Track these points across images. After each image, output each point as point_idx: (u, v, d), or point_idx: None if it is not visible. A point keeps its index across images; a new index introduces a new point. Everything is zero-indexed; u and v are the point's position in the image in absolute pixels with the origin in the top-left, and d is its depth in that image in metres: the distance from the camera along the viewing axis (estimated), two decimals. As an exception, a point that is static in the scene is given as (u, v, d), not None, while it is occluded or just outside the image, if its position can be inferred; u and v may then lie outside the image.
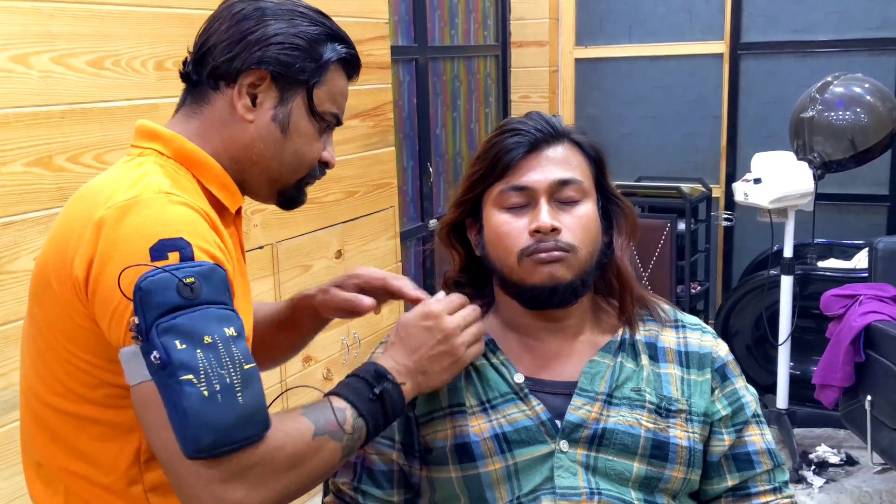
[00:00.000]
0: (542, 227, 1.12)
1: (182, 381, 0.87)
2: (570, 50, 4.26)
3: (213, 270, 0.94)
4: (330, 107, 1.13)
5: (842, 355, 2.61)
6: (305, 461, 0.97)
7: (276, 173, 1.13)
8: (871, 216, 3.86)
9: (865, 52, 3.76)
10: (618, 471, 1.12)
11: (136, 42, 1.93)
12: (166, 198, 0.98)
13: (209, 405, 0.87)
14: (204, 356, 0.89)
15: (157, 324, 0.88)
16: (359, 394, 1.04)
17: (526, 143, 1.16)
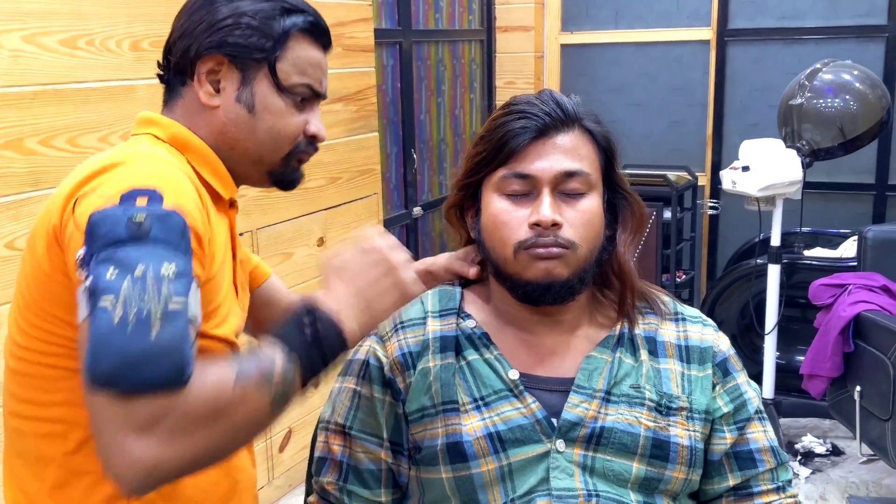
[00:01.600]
0: (542, 220, 1.06)
1: (99, 307, 0.84)
2: (555, 35, 4.21)
3: (170, 216, 0.91)
4: (299, 79, 1.12)
5: (830, 345, 2.59)
6: (227, 413, 0.88)
7: (255, 154, 1.13)
8: (857, 205, 3.85)
9: (853, 38, 3.74)
10: (616, 471, 1.07)
11: (111, 21, 1.86)
12: (155, 158, 1.00)
13: (116, 332, 0.83)
14: (129, 285, 0.85)
15: (97, 252, 0.87)
16: (290, 335, 0.94)
17: (533, 128, 1.09)
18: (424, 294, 1.23)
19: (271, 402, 0.91)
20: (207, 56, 1.09)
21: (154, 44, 1.94)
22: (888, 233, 2.90)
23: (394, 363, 1.15)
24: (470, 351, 1.14)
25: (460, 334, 1.16)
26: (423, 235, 3.63)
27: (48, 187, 1.73)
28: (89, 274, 0.86)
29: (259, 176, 1.16)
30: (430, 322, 1.18)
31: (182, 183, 0.98)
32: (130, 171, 0.96)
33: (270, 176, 1.16)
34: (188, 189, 0.99)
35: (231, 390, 0.88)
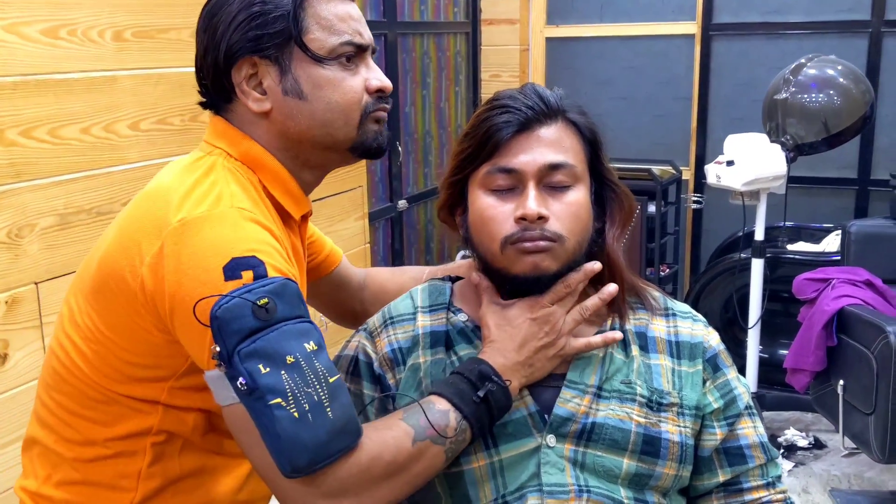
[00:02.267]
0: (528, 214, 1.05)
1: (271, 406, 0.87)
2: (540, 28, 4.20)
3: (285, 286, 0.93)
4: (335, 39, 1.06)
5: (814, 339, 2.60)
6: (406, 468, 0.96)
7: (327, 138, 1.08)
8: (840, 199, 3.87)
9: (837, 34, 3.75)
10: (607, 467, 1.07)
11: (94, 11, 1.83)
12: (239, 213, 0.97)
13: (301, 425, 0.88)
14: (289, 377, 0.88)
15: (237, 350, 0.88)
16: (462, 396, 1.01)
17: (516, 122, 1.09)
18: (414, 289, 1.22)
19: (445, 455, 1.00)
20: (237, 63, 1.05)
21: (136, 34, 1.91)
22: (871, 227, 2.92)
23: (383, 359, 1.14)
24: (462, 345, 1.14)
25: (451, 329, 1.15)
26: (409, 228, 3.62)
27: (29, 179, 1.70)
28: (238, 373, 0.88)
29: (341, 157, 1.11)
30: (420, 317, 1.17)
31: (267, 237, 0.97)
32: (221, 235, 0.94)
33: (353, 151, 1.10)
34: (273, 242, 0.98)
35: (410, 447, 0.96)
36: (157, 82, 1.96)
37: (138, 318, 0.98)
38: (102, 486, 1.06)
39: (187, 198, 0.98)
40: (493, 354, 1.06)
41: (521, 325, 1.07)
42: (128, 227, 1.01)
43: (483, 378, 1.02)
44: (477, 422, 1.01)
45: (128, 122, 1.89)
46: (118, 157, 1.87)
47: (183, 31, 2.01)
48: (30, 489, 1.10)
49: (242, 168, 1.06)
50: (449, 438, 0.99)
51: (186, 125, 2.04)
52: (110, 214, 1.85)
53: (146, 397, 1.03)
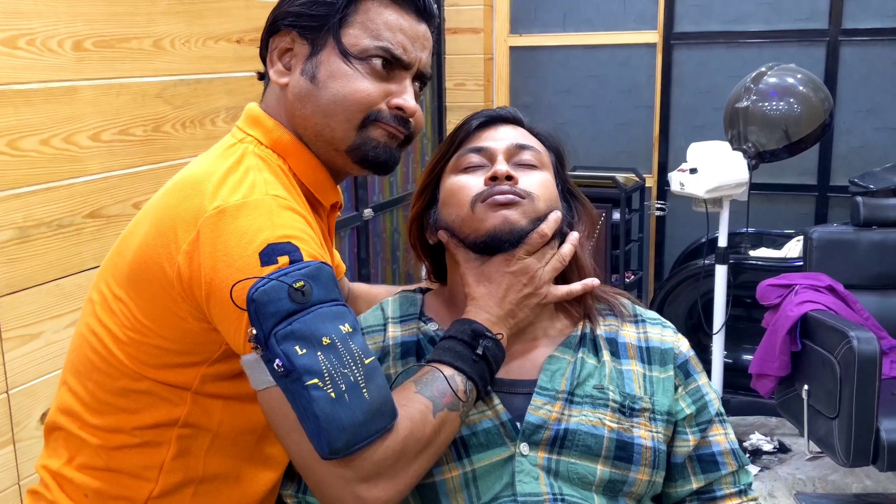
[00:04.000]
0: (498, 172, 1.09)
1: (308, 386, 0.88)
2: (504, 38, 4.21)
3: (320, 269, 0.94)
4: (371, 42, 1.05)
5: (778, 345, 2.63)
6: (433, 441, 0.98)
7: (326, 129, 1.06)
8: (800, 205, 3.92)
9: (795, 42, 3.81)
10: (581, 474, 1.06)
11: (53, 20, 1.79)
12: (274, 201, 0.97)
13: (339, 406, 0.88)
14: (325, 358, 0.89)
15: (274, 332, 0.89)
16: (463, 357, 1.03)
17: (484, 116, 1.18)
18: (385, 301, 1.22)
19: (460, 419, 1.01)
20: (278, 34, 1.08)
21: (97, 44, 1.88)
22: (833, 234, 2.96)
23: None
24: None
25: (422, 338, 1.15)
26: (374, 237, 3.60)
27: (-13, 192, 1.67)
28: (275, 354, 0.89)
29: (342, 159, 1.09)
30: (390, 328, 1.16)
31: (303, 223, 0.98)
32: (257, 221, 0.94)
33: (351, 155, 1.08)
34: (304, 224, 0.99)
35: (433, 420, 0.97)
36: (118, 92, 1.93)
37: (174, 305, 0.99)
38: (125, 473, 1.06)
39: (222, 185, 0.98)
40: (477, 312, 1.07)
41: (500, 279, 1.09)
42: (163, 215, 1.01)
43: (477, 336, 1.04)
44: (481, 379, 1.03)
45: (88, 133, 1.86)
46: (79, 168, 1.83)
47: (144, 40, 1.98)
48: (51, 468, 1.11)
49: (273, 155, 1.07)
50: (462, 402, 1.00)
51: (149, 135, 2.01)
52: (71, 227, 1.81)
53: (178, 383, 1.03)
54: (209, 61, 2.19)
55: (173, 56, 2.07)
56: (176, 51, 2.08)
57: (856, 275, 2.89)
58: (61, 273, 1.81)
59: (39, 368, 1.80)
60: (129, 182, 1.96)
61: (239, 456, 1.08)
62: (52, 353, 1.81)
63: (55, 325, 1.81)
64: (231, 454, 1.08)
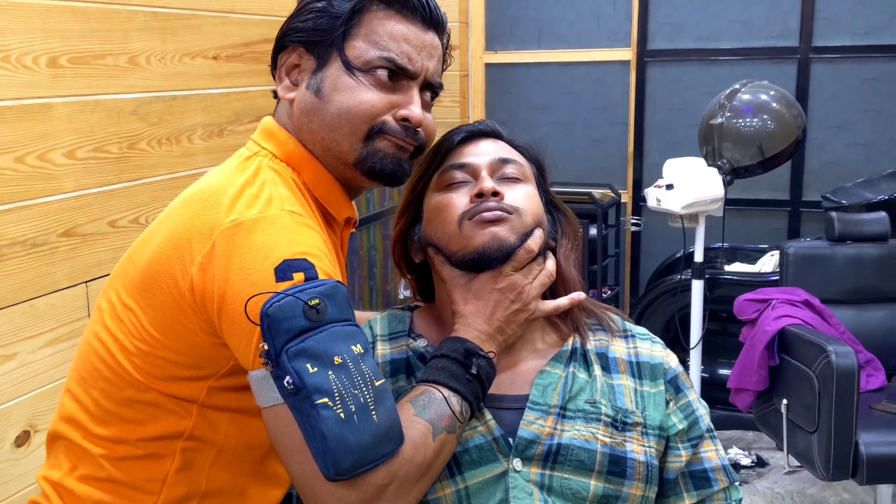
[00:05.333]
0: (484, 189, 1.08)
1: (318, 405, 0.87)
2: (480, 54, 4.23)
3: (336, 288, 0.93)
4: (376, 52, 1.05)
5: (756, 359, 2.64)
6: (433, 465, 0.98)
7: (332, 143, 1.06)
8: (773, 220, 3.96)
9: (767, 60, 3.86)
10: (574, 489, 1.05)
11: (27, 36, 1.77)
12: (290, 217, 0.97)
13: (347, 427, 0.88)
14: (336, 377, 0.88)
15: (286, 349, 0.88)
16: (457, 377, 1.02)
17: (465, 131, 1.16)
18: (373, 318, 1.21)
19: (457, 441, 1.02)
20: (285, 50, 1.09)
21: (72, 60, 1.85)
22: (808, 248, 2.99)
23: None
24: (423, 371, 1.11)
25: (412, 355, 1.14)
26: (351, 254, 3.58)
27: (-41, 211, 1.63)
28: (286, 371, 0.88)
29: (351, 172, 1.08)
30: (379, 346, 1.15)
31: (319, 241, 0.98)
32: (273, 237, 0.94)
33: (357, 166, 1.06)
34: (320, 242, 0.98)
35: (433, 445, 0.97)
36: (93, 109, 1.90)
37: (184, 318, 0.98)
38: (127, 485, 1.05)
39: (238, 199, 0.98)
40: (467, 330, 1.07)
41: (488, 296, 1.08)
42: (178, 227, 1.00)
43: (470, 355, 1.04)
44: (475, 399, 1.03)
45: (63, 151, 1.83)
46: (54, 186, 1.80)
47: (120, 57, 1.96)
48: (52, 479, 1.09)
49: (287, 169, 1.07)
50: (459, 423, 1.00)
51: (124, 153, 1.98)
52: (45, 246, 1.78)
53: (185, 396, 1.02)
54: (185, 78, 2.17)
55: (149, 73, 2.05)
56: (151, 67, 2.06)
57: (831, 289, 2.91)
58: (35, 293, 1.78)
59: (13, 390, 1.76)
60: (104, 200, 1.93)
61: (244, 472, 1.06)
62: (26, 375, 1.78)
63: (29, 345, 1.77)
64: (236, 469, 1.06)
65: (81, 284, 1.88)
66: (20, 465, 1.79)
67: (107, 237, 1.93)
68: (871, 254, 2.95)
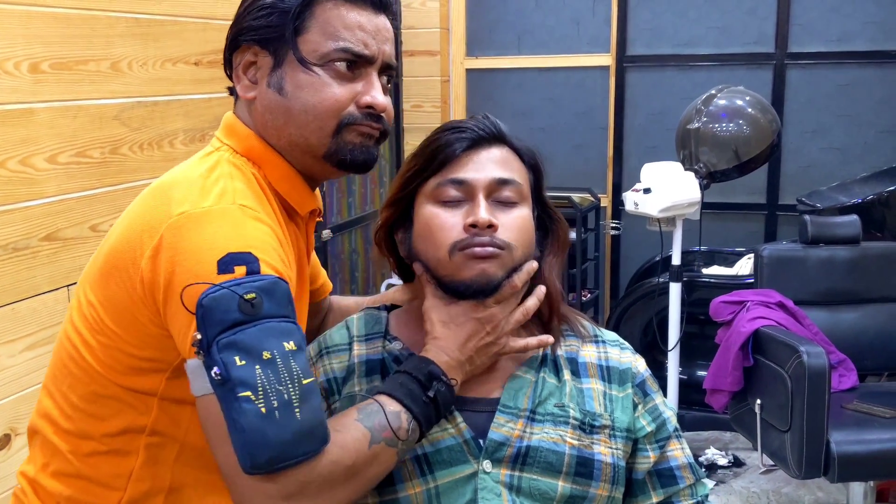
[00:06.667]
0: (479, 221, 1.07)
1: (240, 398, 0.87)
2: (461, 60, 4.26)
3: (276, 284, 0.93)
4: (332, 44, 1.05)
5: (731, 360, 2.68)
6: (362, 472, 0.97)
7: (300, 139, 1.07)
8: (750, 223, 4.01)
9: (744, 65, 3.91)
10: (542, 490, 1.08)
11: (9, 42, 1.78)
12: (240, 211, 0.98)
13: (267, 422, 0.88)
14: (262, 372, 0.88)
15: (217, 340, 0.89)
16: (413, 397, 1.02)
17: (467, 139, 1.12)
18: (350, 319, 1.22)
19: (397, 456, 1.01)
20: (239, 48, 1.08)
21: (54, 66, 1.87)
22: (782, 251, 3.04)
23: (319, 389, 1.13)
24: None
25: (387, 357, 1.16)
26: (333, 258, 3.60)
27: (-59, 215, 1.65)
28: (214, 362, 0.88)
29: (319, 165, 1.09)
30: (355, 347, 1.17)
31: (268, 235, 0.98)
32: (221, 231, 0.95)
33: (327, 160, 1.08)
34: (273, 241, 0.99)
35: (367, 451, 0.97)
36: (75, 115, 1.92)
37: (136, 310, 0.99)
38: (94, 481, 1.06)
39: (190, 192, 0.99)
40: (437, 353, 1.07)
41: (465, 323, 1.09)
42: (133, 220, 1.02)
43: (432, 378, 1.04)
44: (426, 421, 1.03)
45: (45, 156, 1.84)
46: (35, 191, 1.82)
47: (102, 62, 1.98)
48: (28, 475, 1.12)
49: (247, 164, 1.07)
50: (402, 440, 1.00)
51: (106, 157, 2.00)
52: (27, 250, 1.80)
53: (144, 389, 1.04)
54: (166, 83, 2.19)
55: (130, 78, 2.07)
56: (133, 73, 2.08)
57: (805, 291, 2.96)
58: (16, 297, 1.79)
59: (-6, 394, 1.77)
60: (86, 204, 1.95)
61: (208, 467, 1.07)
62: (7, 378, 1.79)
63: (9, 349, 1.79)
64: (200, 465, 1.07)
65: (63, 288, 1.90)
66: (1, 467, 1.80)
67: (88, 241, 1.95)
68: (844, 256, 3.00)
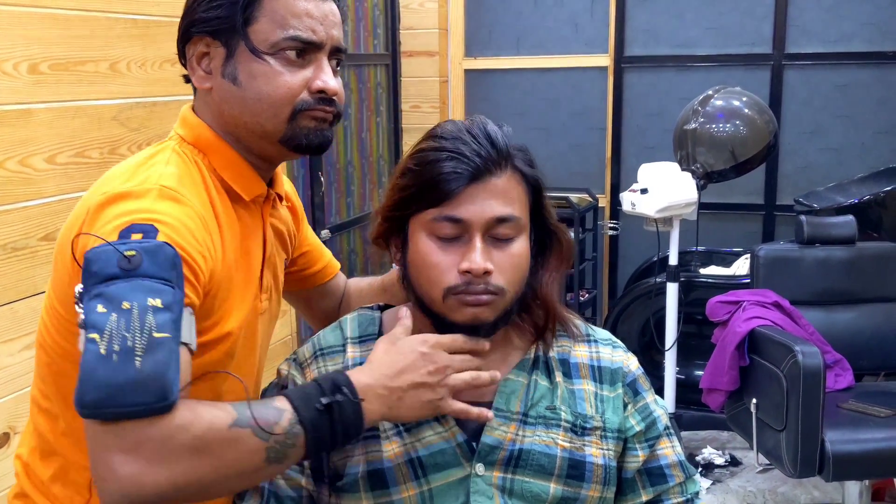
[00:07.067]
0: (474, 269, 1.05)
1: (88, 339, 0.88)
2: (459, 61, 4.28)
3: (161, 248, 0.93)
4: (282, 33, 1.07)
5: (727, 360, 2.69)
6: (214, 450, 0.91)
7: (257, 127, 1.10)
8: (748, 224, 4.03)
9: (741, 66, 3.92)
10: (534, 492, 1.09)
11: (8, 43, 1.80)
12: (160, 191, 1.00)
13: (102, 363, 0.87)
14: (116, 319, 0.89)
15: (90, 290, 0.91)
16: (306, 400, 0.97)
17: (466, 173, 1.06)
18: (343, 319, 1.23)
19: (265, 454, 0.94)
20: (192, 40, 1.11)
21: (53, 66, 1.88)
22: (778, 251, 3.05)
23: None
24: None
25: None
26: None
27: (-60, 215, 1.66)
28: (83, 309, 0.90)
29: (275, 148, 1.12)
30: (349, 349, 1.18)
31: (185, 218, 0.99)
32: (134, 206, 0.98)
33: (284, 144, 1.11)
34: (188, 217, 1.00)
35: (225, 429, 0.92)
36: (74, 115, 1.93)
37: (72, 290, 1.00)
38: (69, 460, 1.11)
39: (122, 176, 1.04)
40: (361, 373, 1.03)
41: (408, 353, 1.04)
42: (77, 205, 1.08)
43: (335, 388, 0.98)
44: (313, 430, 0.96)
45: (44, 156, 1.86)
46: (34, 191, 1.83)
47: (101, 63, 1.99)
48: (22, 457, 1.19)
49: (193, 152, 1.10)
50: (275, 436, 0.94)
51: (105, 158, 2.01)
52: (26, 250, 1.81)
53: None
54: (165, 84, 2.20)
55: (129, 79, 2.08)
56: (132, 73, 2.09)
57: (801, 291, 2.97)
58: (15, 296, 1.80)
59: (-7, 392, 1.78)
60: (84, 204, 1.96)
61: None
62: (6, 377, 1.80)
63: (8, 349, 1.80)
64: None
65: (62, 287, 1.91)
66: (0, 466, 1.81)
67: (87, 241, 1.96)
68: (839, 256, 3.01)
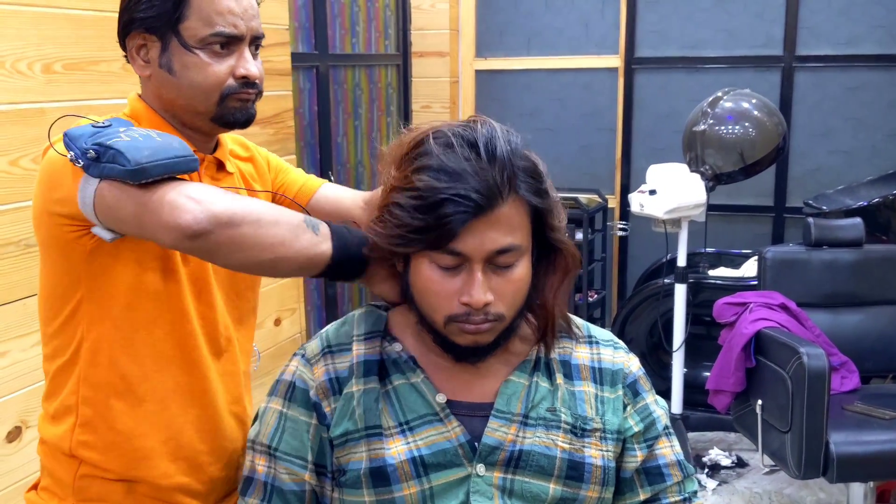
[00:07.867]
0: (473, 303, 1.06)
1: (112, 142, 1.07)
2: (470, 61, 4.29)
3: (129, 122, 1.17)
4: (208, 30, 1.24)
5: (734, 361, 2.70)
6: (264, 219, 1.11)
7: (190, 108, 1.28)
8: (757, 226, 4.03)
9: (751, 68, 3.92)
10: (534, 493, 1.11)
11: (22, 43, 1.82)
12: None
13: (134, 141, 1.08)
14: (124, 133, 1.10)
15: (84, 142, 1.08)
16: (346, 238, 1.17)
17: (470, 211, 1.03)
18: (350, 316, 1.24)
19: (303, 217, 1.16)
20: (130, 34, 1.26)
21: (66, 66, 1.91)
22: (786, 253, 3.05)
23: (320, 387, 1.16)
24: (396, 375, 1.16)
25: (386, 358, 1.18)
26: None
27: (-45, 212, 1.69)
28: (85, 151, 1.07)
29: (208, 125, 1.30)
30: (355, 346, 1.19)
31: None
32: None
33: (214, 122, 1.29)
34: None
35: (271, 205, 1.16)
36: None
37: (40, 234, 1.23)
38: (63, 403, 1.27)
39: None
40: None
41: None
42: None
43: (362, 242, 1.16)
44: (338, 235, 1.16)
45: (57, 154, 1.88)
46: (47, 188, 1.86)
47: (113, 63, 2.02)
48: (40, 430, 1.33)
49: (130, 119, 1.27)
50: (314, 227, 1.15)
51: (116, 157, 2.04)
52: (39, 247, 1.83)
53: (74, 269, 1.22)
54: (177, 84, 2.22)
55: (141, 79, 2.10)
56: (144, 73, 2.11)
57: (808, 293, 2.97)
58: (28, 292, 1.83)
59: (6, 387, 1.81)
60: (96, 202, 1.98)
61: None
62: (18, 372, 1.83)
63: (21, 343, 1.83)
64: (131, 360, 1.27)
65: (73, 284, 1.93)
66: (12, 460, 1.84)
67: (98, 238, 1.99)
68: (847, 259, 3.01)
